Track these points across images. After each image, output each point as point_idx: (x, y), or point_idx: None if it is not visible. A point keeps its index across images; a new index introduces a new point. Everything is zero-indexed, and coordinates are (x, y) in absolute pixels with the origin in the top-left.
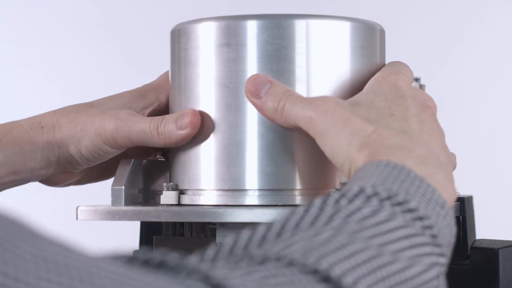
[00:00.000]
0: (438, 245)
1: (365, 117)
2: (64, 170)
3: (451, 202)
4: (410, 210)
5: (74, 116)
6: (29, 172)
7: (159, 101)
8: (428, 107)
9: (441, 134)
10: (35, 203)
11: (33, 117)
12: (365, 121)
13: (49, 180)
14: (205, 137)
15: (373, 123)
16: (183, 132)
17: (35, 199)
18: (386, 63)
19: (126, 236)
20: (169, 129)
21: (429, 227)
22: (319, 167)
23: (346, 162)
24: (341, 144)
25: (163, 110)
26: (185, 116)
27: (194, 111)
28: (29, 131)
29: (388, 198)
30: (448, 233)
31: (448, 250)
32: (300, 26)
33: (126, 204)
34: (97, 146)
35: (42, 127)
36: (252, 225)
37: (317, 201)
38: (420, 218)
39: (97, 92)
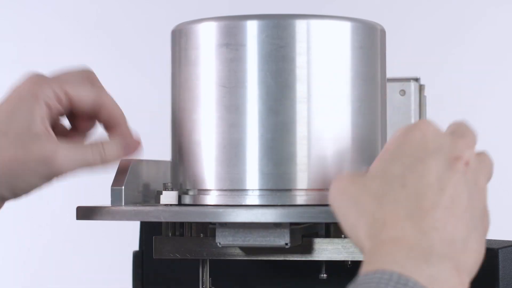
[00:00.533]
0: None
1: (375, 194)
2: None
3: None
4: None
5: None
6: None
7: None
8: (457, 159)
9: (468, 194)
10: (35, 203)
11: None
12: (373, 199)
13: None
14: (205, 137)
15: (381, 202)
16: (125, 157)
17: (35, 199)
18: (387, 63)
19: (126, 236)
20: (113, 159)
21: None
22: (318, 167)
23: (356, 242)
24: (350, 224)
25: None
26: (129, 144)
27: (133, 139)
28: None
29: None
30: None
31: None
32: (300, 26)
33: (126, 204)
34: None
35: None
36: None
37: None
38: None
39: None
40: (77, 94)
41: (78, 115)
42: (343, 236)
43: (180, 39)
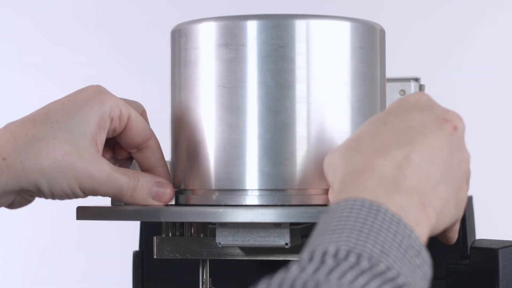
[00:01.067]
0: None
1: (357, 135)
2: (25, 197)
3: (424, 230)
4: (390, 279)
5: (44, 149)
6: None
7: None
8: (446, 121)
9: (449, 151)
10: (35, 202)
11: None
12: (354, 139)
13: (7, 206)
14: (205, 137)
15: (360, 138)
16: (155, 203)
17: (36, 199)
18: (387, 63)
19: (126, 236)
20: (143, 196)
21: None
22: (318, 167)
23: (329, 172)
24: (332, 174)
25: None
26: (162, 190)
27: (169, 184)
28: None
29: (370, 268)
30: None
31: None
32: (300, 26)
33: (126, 204)
34: (72, 190)
35: (4, 159)
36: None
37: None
38: (400, 287)
39: None
40: (136, 123)
41: (120, 141)
42: None
43: (180, 39)
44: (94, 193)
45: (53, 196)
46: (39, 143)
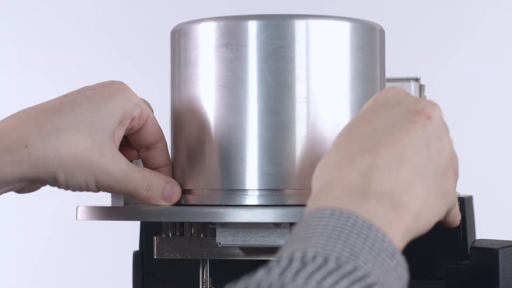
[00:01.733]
0: None
1: (329, 150)
2: (37, 185)
3: (398, 231)
4: (359, 278)
5: (66, 141)
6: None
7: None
8: (417, 112)
9: (425, 143)
10: (36, 202)
11: (14, 129)
12: (326, 154)
13: (16, 191)
14: (205, 137)
15: (328, 152)
16: (164, 203)
17: (35, 198)
18: (387, 63)
19: (126, 236)
20: (156, 196)
21: None
22: None
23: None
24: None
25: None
26: (173, 190)
27: (177, 183)
28: (11, 153)
29: (337, 268)
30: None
31: None
32: (299, 26)
33: (126, 204)
34: (87, 184)
35: (26, 146)
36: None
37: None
38: (370, 286)
39: None
40: (152, 124)
41: (132, 140)
42: None
43: (180, 39)
44: (109, 189)
45: (67, 188)
46: (63, 134)
